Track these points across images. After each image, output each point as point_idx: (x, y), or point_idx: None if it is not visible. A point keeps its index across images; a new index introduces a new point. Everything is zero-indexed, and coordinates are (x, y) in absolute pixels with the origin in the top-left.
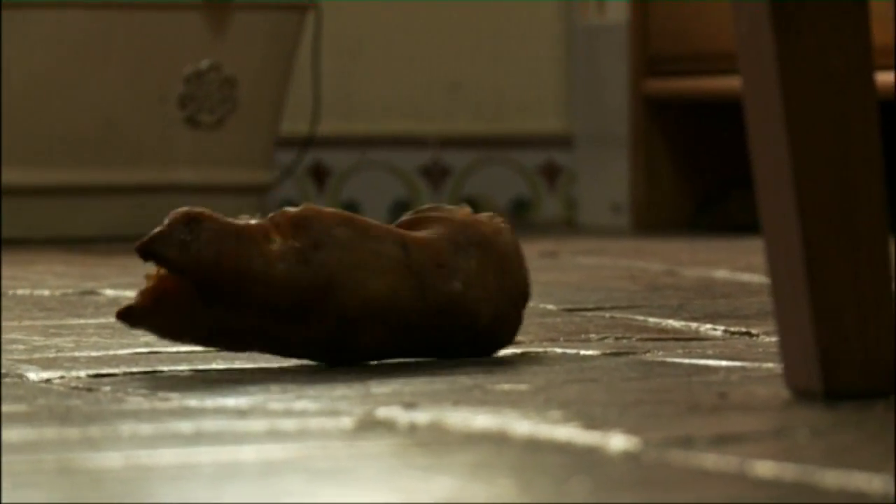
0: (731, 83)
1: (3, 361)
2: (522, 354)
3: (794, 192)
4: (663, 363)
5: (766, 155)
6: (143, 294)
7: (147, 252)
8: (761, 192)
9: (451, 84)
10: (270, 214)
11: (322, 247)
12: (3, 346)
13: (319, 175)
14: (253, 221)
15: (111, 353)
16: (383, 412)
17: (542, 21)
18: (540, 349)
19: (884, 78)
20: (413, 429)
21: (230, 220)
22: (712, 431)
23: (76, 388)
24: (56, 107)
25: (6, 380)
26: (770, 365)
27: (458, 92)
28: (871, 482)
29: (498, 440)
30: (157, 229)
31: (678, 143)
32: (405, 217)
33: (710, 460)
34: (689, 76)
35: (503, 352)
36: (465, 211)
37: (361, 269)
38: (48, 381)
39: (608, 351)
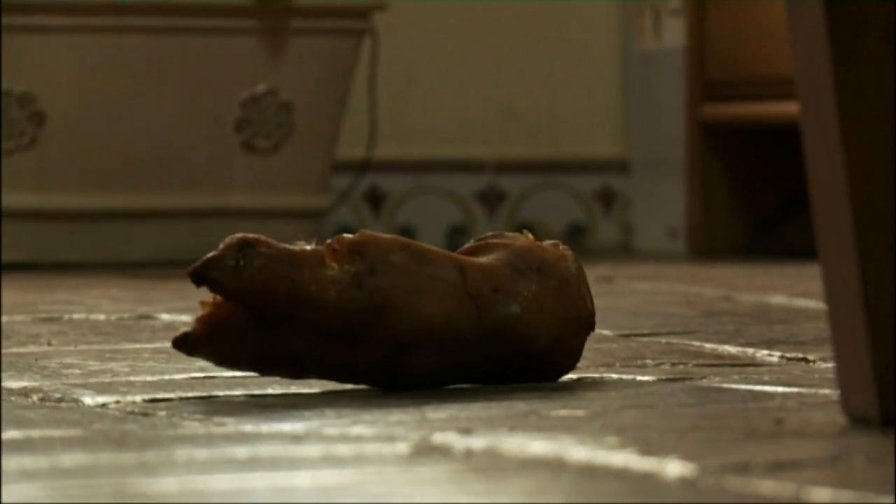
0: (787, 108)
1: (59, 386)
2: (579, 380)
3: (851, 217)
4: (719, 389)
5: (824, 180)
6: (199, 321)
7: (199, 276)
8: (818, 218)
9: (507, 109)
10: (328, 241)
11: (377, 272)
12: (60, 371)
13: (375, 200)
14: (308, 247)
15: (166, 377)
16: (439, 438)
17: (599, 46)
18: (596, 375)
19: None
20: (469, 454)
21: (284, 245)
22: (769, 458)
23: (132, 412)
24: (113, 131)
25: (62, 404)
26: (826, 391)
27: (514, 117)
28: None
29: (554, 466)
30: (211, 254)
31: (734, 168)
32: (468, 244)
33: (767, 487)
34: (745, 101)
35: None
36: (527, 238)
37: (417, 294)
38: (104, 405)
39: (664, 377)
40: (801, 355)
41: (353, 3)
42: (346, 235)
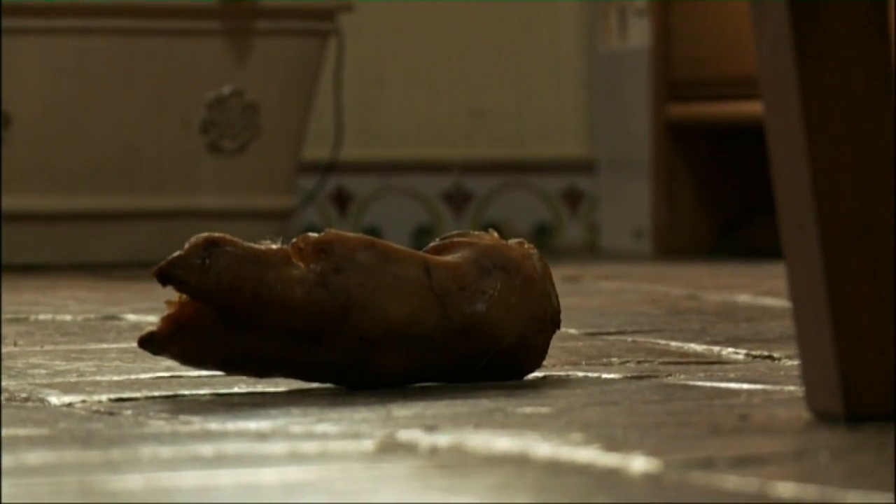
0: (753, 108)
1: (25, 386)
2: (544, 378)
3: (815, 215)
4: (685, 386)
5: (788, 179)
6: (165, 320)
7: (165, 276)
8: (783, 216)
9: (473, 110)
10: (294, 240)
11: (342, 270)
12: (26, 371)
13: (341, 201)
14: (274, 246)
15: (133, 377)
16: (404, 435)
17: (564, 46)
18: (562, 373)
19: None
20: (434, 451)
21: (250, 244)
22: (733, 453)
23: (97, 411)
24: (79, 133)
25: (28, 404)
26: (792, 388)
27: (480, 117)
28: None
29: (519, 462)
30: (176, 254)
31: (700, 168)
32: (433, 243)
33: (732, 482)
34: (711, 101)
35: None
36: (492, 236)
37: (382, 292)
38: (70, 405)
39: (630, 374)
40: (766, 353)
41: (319, 4)
42: (311, 234)
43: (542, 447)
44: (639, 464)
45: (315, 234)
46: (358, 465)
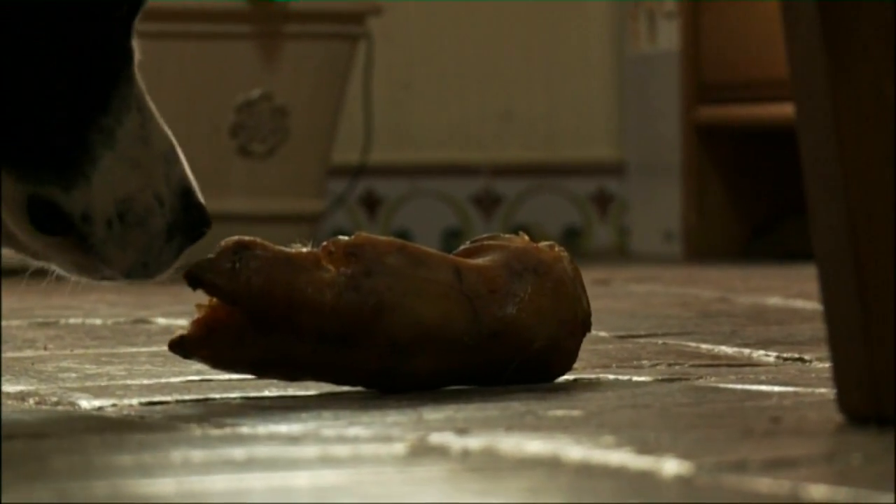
0: (782, 110)
1: (56, 390)
2: (575, 381)
3: (847, 217)
4: (716, 389)
5: (820, 181)
6: (195, 324)
7: (195, 279)
8: (814, 218)
9: (503, 113)
10: (324, 243)
11: (373, 274)
12: (56, 375)
13: (371, 204)
14: (304, 249)
15: (163, 380)
16: (436, 438)
17: (594, 50)
18: (592, 375)
19: None
20: (466, 454)
21: (280, 248)
22: (765, 456)
23: (128, 415)
24: None
25: (59, 408)
26: (823, 390)
27: (510, 121)
28: None
29: (551, 465)
30: (207, 257)
31: (730, 171)
32: (464, 246)
33: (764, 484)
34: (740, 104)
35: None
36: (523, 239)
37: (412, 295)
38: (100, 408)
39: (661, 377)
40: (797, 355)
41: (348, 7)
42: (341, 238)
43: (574, 450)
44: (671, 466)
45: (345, 238)
46: (390, 469)
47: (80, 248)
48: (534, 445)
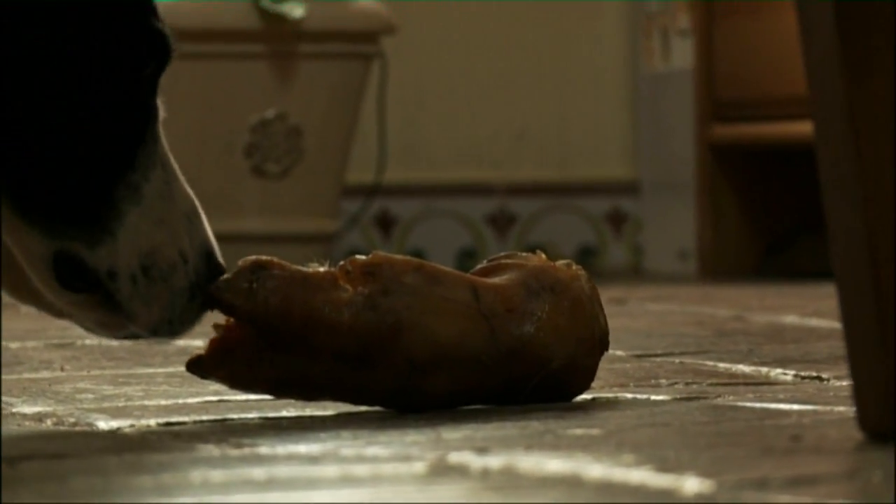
0: (797, 128)
1: (73, 410)
2: (593, 400)
3: (866, 234)
4: (734, 407)
5: (838, 198)
6: (212, 344)
7: (212, 299)
8: (833, 236)
9: (517, 132)
10: (341, 262)
11: (391, 293)
12: (73, 396)
13: (385, 223)
14: (321, 269)
15: (181, 401)
16: (455, 457)
17: (607, 68)
18: (610, 394)
19: None
20: (486, 473)
21: (297, 267)
22: (786, 474)
23: (147, 436)
24: None
25: (76, 429)
26: (842, 408)
27: (524, 140)
28: None
29: (572, 484)
30: (223, 277)
31: (744, 189)
32: (481, 265)
33: (785, 502)
34: (754, 122)
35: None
36: (540, 258)
37: (430, 315)
38: (118, 429)
39: (679, 396)
40: (815, 373)
41: (362, 27)
42: (358, 257)
43: (595, 468)
44: (692, 485)
45: (362, 257)
46: (410, 488)
47: (106, 306)
48: (554, 464)
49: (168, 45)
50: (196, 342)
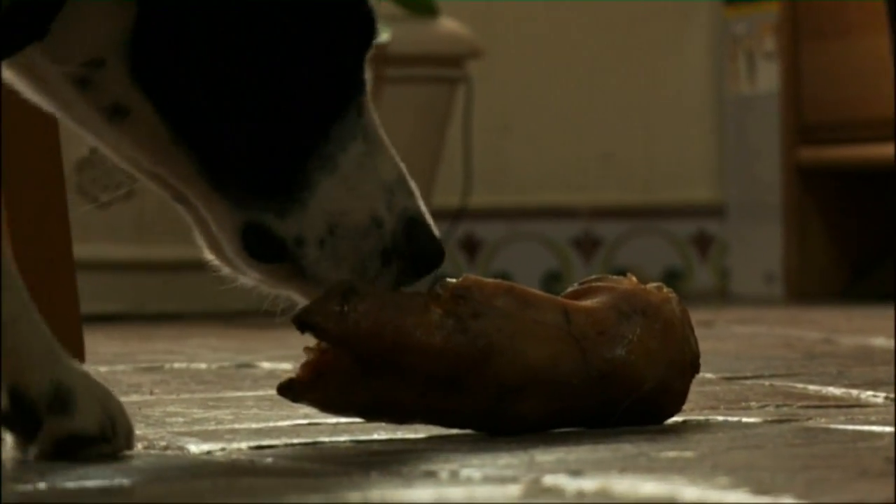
0: (884, 150)
1: (164, 434)
2: (684, 422)
3: None
4: (827, 430)
5: None
6: (304, 367)
7: (303, 323)
8: None
9: (602, 155)
10: (431, 286)
11: (481, 316)
12: (163, 419)
13: (471, 247)
14: (411, 292)
15: (271, 424)
16: (550, 480)
17: (693, 91)
18: (701, 417)
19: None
20: (581, 495)
21: (388, 291)
22: (883, 496)
23: (238, 459)
24: None
25: (168, 452)
26: None
27: (609, 163)
28: None
29: None
30: (314, 300)
31: (830, 212)
32: (572, 288)
33: None
34: (840, 144)
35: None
36: (631, 280)
37: (521, 338)
38: (209, 453)
39: (770, 418)
40: None
41: (448, 50)
42: (448, 280)
43: (690, 491)
44: None
45: (452, 280)
46: None
47: (296, 275)
48: (649, 486)
49: (375, 24)
50: (283, 366)
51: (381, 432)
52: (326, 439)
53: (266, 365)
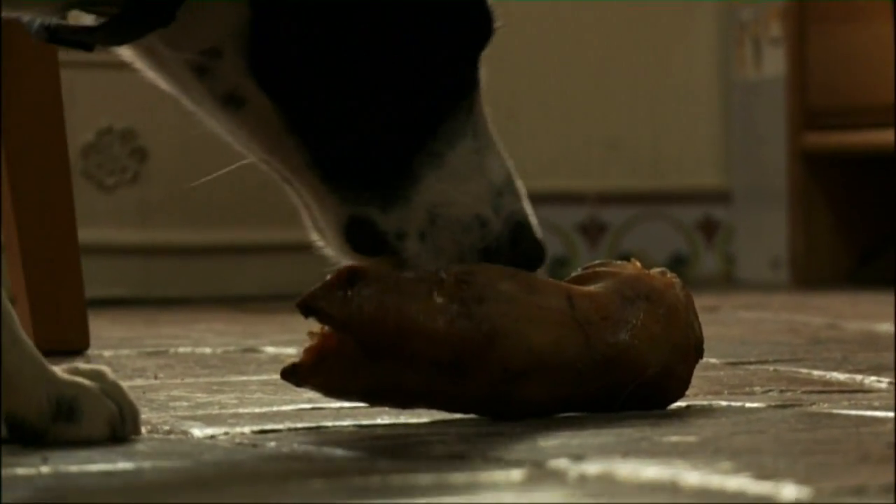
0: (890, 136)
1: (168, 418)
2: (688, 407)
3: None
4: (830, 415)
5: None
6: (308, 352)
7: (308, 308)
8: None
9: (609, 141)
10: (435, 270)
11: (485, 300)
12: (167, 403)
13: None
14: (416, 277)
15: (275, 409)
16: (553, 464)
17: (699, 76)
18: (705, 402)
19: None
20: (583, 480)
21: (392, 275)
22: (885, 481)
23: (241, 443)
24: (216, 166)
25: (171, 436)
26: None
27: (615, 148)
28: None
29: (669, 491)
30: (318, 285)
31: (836, 197)
32: (576, 273)
33: None
34: (847, 130)
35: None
36: (634, 266)
37: (525, 322)
38: (213, 437)
39: (773, 403)
40: None
41: None
42: (453, 265)
43: (692, 475)
44: (790, 492)
45: (456, 266)
46: (508, 494)
47: (398, 268)
48: (651, 471)
49: (493, 22)
50: (287, 350)
51: (385, 417)
52: (330, 424)
53: (270, 349)
